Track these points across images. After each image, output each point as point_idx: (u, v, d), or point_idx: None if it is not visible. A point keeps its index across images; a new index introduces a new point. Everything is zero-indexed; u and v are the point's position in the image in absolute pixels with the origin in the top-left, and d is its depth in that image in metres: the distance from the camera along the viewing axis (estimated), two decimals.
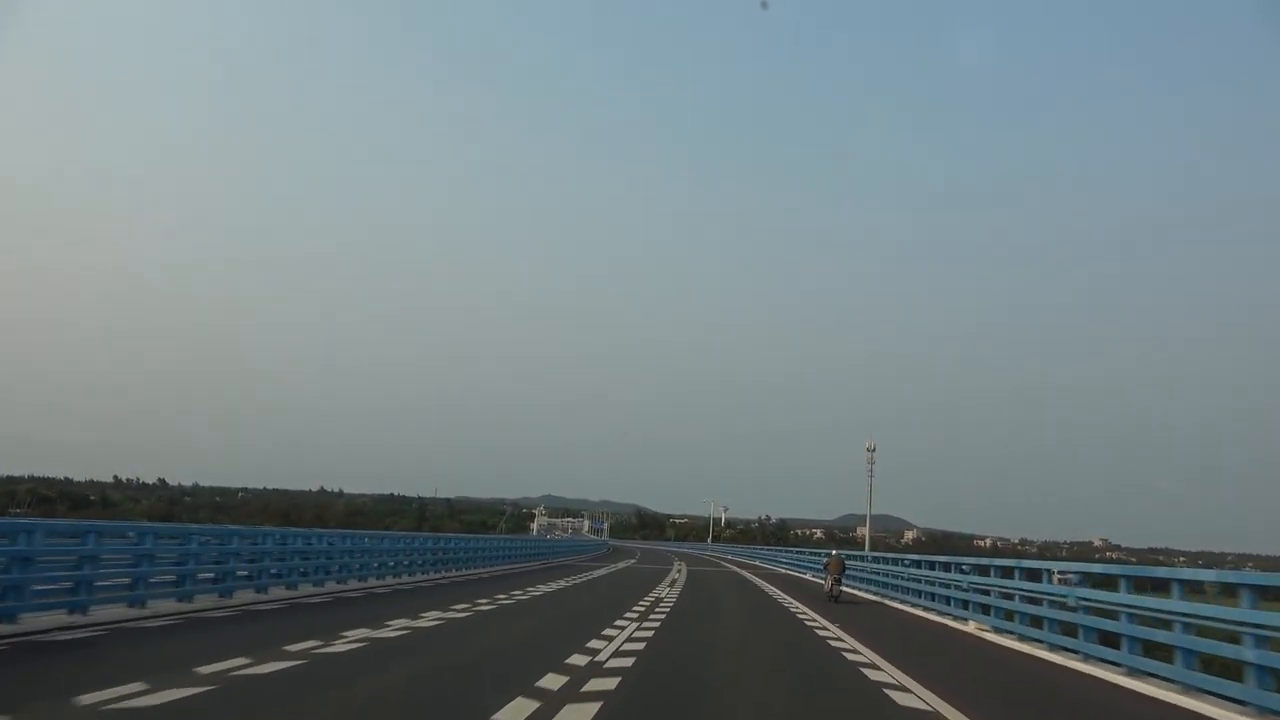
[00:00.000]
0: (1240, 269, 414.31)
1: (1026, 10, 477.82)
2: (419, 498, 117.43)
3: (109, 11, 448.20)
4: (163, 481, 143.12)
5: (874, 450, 63.83)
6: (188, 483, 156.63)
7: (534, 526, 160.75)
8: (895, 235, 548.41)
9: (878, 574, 25.85)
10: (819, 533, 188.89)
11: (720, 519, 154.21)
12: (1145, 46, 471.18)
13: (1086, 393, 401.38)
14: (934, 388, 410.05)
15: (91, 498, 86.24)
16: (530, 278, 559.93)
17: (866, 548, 57.16)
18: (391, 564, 22.29)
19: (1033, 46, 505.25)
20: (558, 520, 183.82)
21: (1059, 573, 14.32)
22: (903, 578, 22.85)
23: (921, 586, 20.74)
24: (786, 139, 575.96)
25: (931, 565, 20.78)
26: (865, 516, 60.42)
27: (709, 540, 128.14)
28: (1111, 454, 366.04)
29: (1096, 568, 14.07)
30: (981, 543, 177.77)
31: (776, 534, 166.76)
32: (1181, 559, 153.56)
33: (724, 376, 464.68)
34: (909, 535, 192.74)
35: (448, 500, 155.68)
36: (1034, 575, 14.71)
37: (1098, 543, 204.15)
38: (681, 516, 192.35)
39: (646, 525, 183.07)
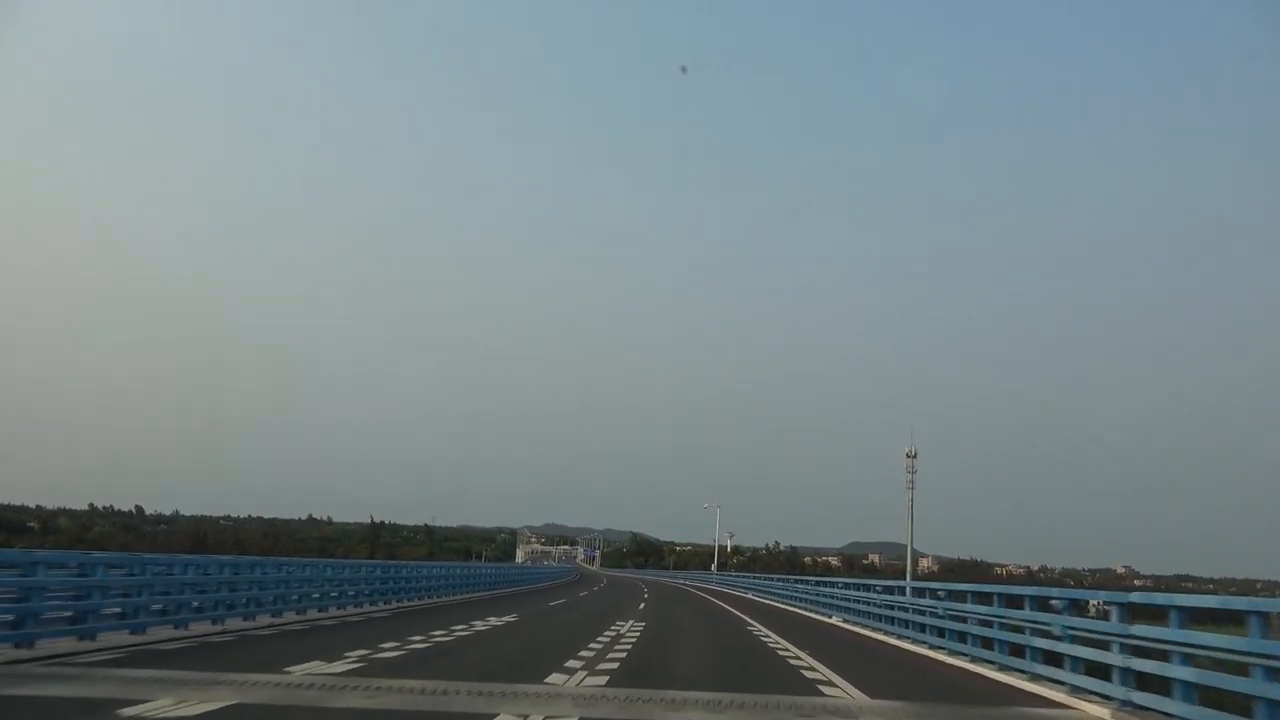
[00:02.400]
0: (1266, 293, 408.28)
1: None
2: (374, 522, 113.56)
3: (106, 13, 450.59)
4: (139, 509, 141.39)
5: (914, 457, 55.38)
6: (167, 510, 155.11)
7: (519, 554, 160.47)
8: (884, 247, 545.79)
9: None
10: (835, 560, 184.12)
11: (725, 544, 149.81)
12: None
13: (1101, 409, 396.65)
14: (936, 407, 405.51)
15: (30, 524, 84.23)
16: (525, 302, 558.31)
17: (908, 577, 50.16)
18: (295, 596, 19.71)
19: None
20: (551, 548, 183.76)
21: None
22: None
23: None
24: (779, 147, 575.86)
25: None
26: (873, 544, 56.40)
27: (713, 568, 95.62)
28: (1128, 475, 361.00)
29: None
30: (1002, 570, 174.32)
31: (790, 561, 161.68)
32: (1211, 586, 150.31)
33: (728, 407, 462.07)
34: (923, 564, 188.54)
35: (428, 527, 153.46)
36: None
37: (1120, 570, 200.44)
38: (684, 544, 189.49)
39: (644, 552, 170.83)
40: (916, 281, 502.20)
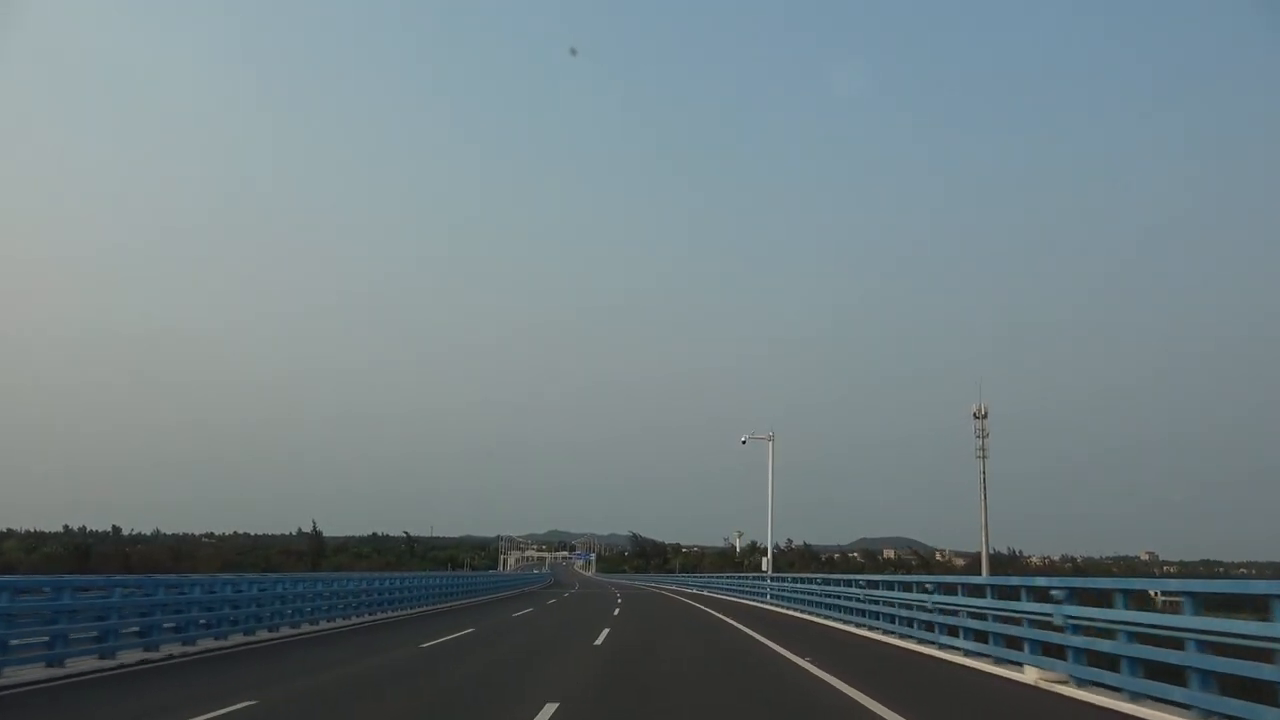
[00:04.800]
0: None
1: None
2: (316, 532, 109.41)
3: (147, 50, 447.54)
4: (115, 529, 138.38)
5: (985, 417, 45.08)
6: (148, 530, 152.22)
7: (509, 561, 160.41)
8: (897, 248, 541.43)
9: None
10: (857, 556, 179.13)
11: (734, 544, 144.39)
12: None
13: (1112, 395, 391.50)
14: (945, 401, 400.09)
15: None
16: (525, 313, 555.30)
17: (984, 570, 42.64)
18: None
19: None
20: (547, 555, 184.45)
21: None
22: None
23: None
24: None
25: None
26: (881, 540, 47.13)
27: (765, 566, 53.00)
28: (1148, 460, 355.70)
29: None
30: (1029, 561, 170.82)
31: (816, 559, 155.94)
32: (1243, 570, 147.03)
33: (729, 406, 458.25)
34: (938, 558, 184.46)
35: (409, 538, 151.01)
36: None
37: (1144, 557, 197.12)
38: (690, 546, 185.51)
39: (645, 554, 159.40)
40: (937, 292, 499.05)
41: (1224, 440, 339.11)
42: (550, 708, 9.73)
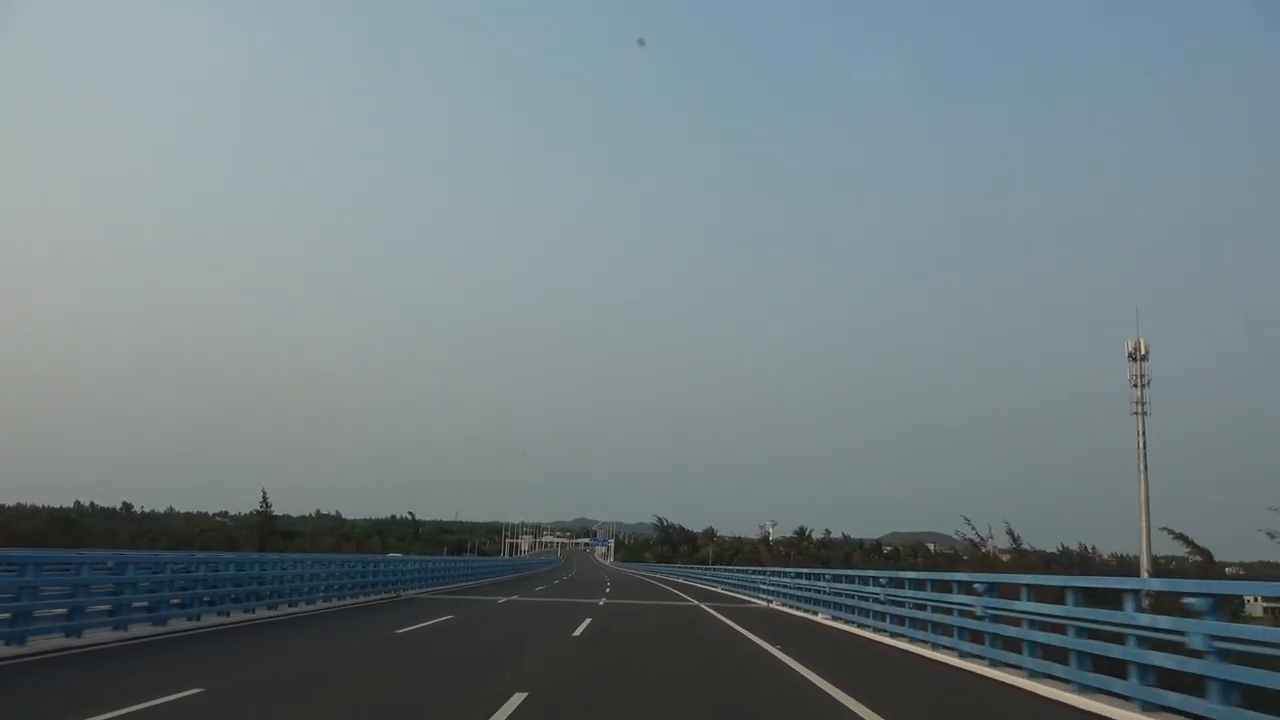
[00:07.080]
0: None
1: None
2: (265, 509, 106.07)
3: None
4: (127, 506, 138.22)
5: (1145, 357, 39.25)
6: (161, 508, 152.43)
7: (521, 547, 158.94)
8: (916, 241, 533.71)
9: None
10: (888, 549, 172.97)
11: (769, 532, 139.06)
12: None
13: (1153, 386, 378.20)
14: (971, 395, 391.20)
15: None
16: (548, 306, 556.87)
17: (1144, 562, 34.57)
18: None
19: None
20: (562, 541, 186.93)
21: None
22: None
23: None
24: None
25: None
26: (910, 534, 39.40)
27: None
28: (1184, 455, 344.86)
29: None
30: (1101, 558, 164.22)
31: (876, 552, 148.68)
32: None
33: (757, 397, 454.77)
34: (987, 552, 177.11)
35: (415, 520, 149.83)
36: None
37: (1197, 557, 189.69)
38: (724, 536, 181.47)
39: (672, 541, 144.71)
40: (950, 289, 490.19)
41: (1261, 435, 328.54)
42: None
